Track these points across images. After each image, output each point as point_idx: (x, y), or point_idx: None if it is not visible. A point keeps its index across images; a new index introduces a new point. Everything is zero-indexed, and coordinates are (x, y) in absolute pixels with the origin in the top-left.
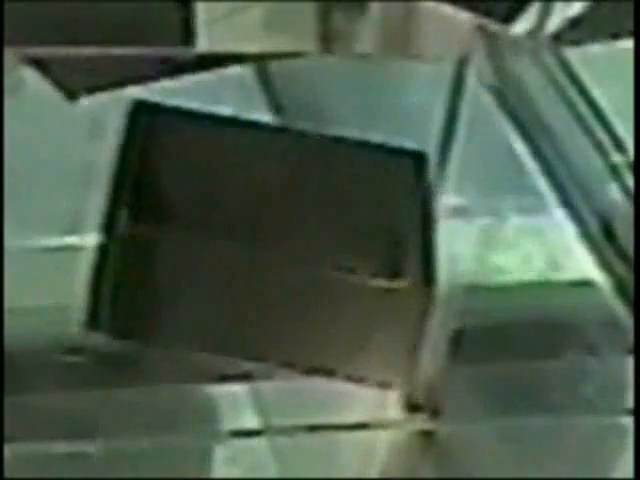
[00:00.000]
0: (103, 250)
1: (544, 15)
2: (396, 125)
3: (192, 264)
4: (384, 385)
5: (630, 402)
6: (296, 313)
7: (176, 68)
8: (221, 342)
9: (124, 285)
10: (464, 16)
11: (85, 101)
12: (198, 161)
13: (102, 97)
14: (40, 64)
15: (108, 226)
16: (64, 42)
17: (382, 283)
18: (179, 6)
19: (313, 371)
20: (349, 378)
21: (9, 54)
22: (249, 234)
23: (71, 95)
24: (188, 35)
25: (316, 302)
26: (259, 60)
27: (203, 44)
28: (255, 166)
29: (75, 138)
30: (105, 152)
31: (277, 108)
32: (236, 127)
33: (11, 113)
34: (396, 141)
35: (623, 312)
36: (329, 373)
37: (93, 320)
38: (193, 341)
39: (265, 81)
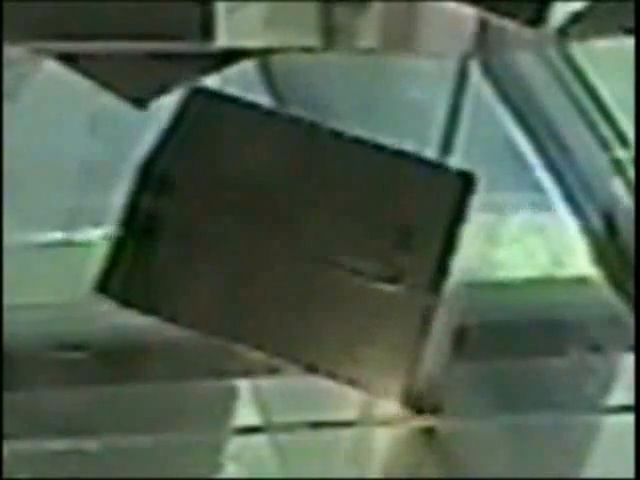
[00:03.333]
0: (126, 221)
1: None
2: (398, 121)
3: (204, 246)
4: (381, 393)
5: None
6: (297, 307)
7: (215, 63)
8: (224, 326)
9: (140, 256)
10: (467, 11)
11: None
12: (236, 150)
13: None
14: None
15: (135, 197)
16: (81, 37)
17: (379, 286)
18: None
19: (313, 369)
20: (347, 381)
21: (9, 50)
22: (261, 223)
23: (139, 102)
24: (207, 30)
25: (317, 298)
26: (275, 54)
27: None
28: (287, 160)
29: (74, 135)
30: (104, 149)
31: (279, 102)
32: (281, 121)
33: (11, 110)
34: (397, 136)
35: (625, 309)
36: (328, 373)
37: (103, 285)
38: (196, 320)
39: (267, 76)
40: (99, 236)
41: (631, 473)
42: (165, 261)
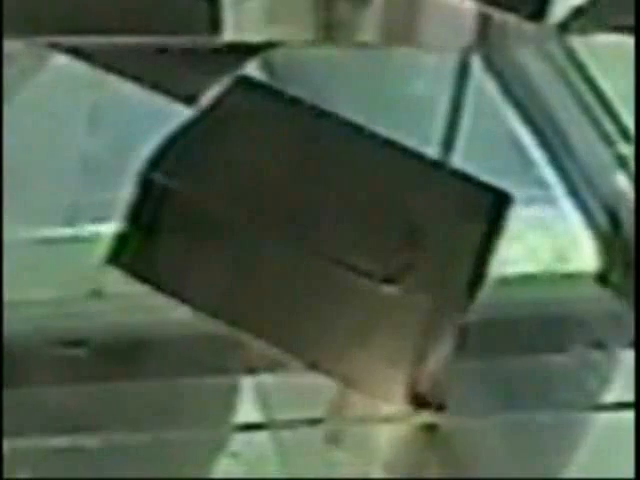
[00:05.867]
0: (140, 195)
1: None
2: (399, 116)
3: (215, 231)
4: (381, 397)
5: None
6: (300, 303)
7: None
8: (226, 311)
9: (151, 231)
10: (468, 5)
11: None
12: (260, 141)
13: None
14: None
15: (148, 172)
16: (84, 31)
17: (372, 286)
18: None
19: (315, 366)
20: (345, 382)
21: (9, 45)
22: (270, 216)
23: (188, 100)
24: (215, 24)
25: (320, 296)
26: (275, 48)
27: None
28: (310, 157)
29: (76, 130)
30: (106, 144)
31: None
32: (320, 119)
33: (12, 105)
34: (398, 131)
35: (627, 305)
36: (328, 373)
37: (115, 255)
38: (199, 301)
39: (268, 70)
40: (101, 232)
41: (631, 471)
42: (175, 240)
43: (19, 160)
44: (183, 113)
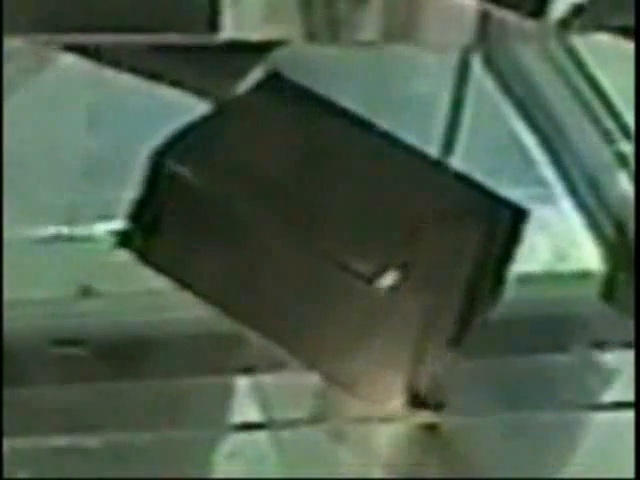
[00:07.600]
0: (150, 180)
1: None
2: (401, 114)
3: (224, 222)
4: (378, 402)
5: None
6: (301, 302)
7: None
8: (229, 304)
9: (160, 217)
10: (469, 3)
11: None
12: (273, 139)
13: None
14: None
15: (160, 157)
16: (82, 29)
17: (371, 287)
18: None
19: (314, 367)
20: (343, 386)
21: (10, 43)
22: (277, 214)
23: (210, 97)
24: (214, 22)
25: (320, 296)
26: (276, 47)
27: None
28: (326, 157)
29: (75, 130)
30: (105, 143)
31: None
32: (340, 119)
33: (12, 104)
34: (400, 131)
35: (630, 304)
36: (326, 375)
37: (126, 238)
38: (203, 290)
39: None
40: (101, 231)
41: (631, 471)
42: (182, 227)
43: (19, 159)
44: (184, 112)
